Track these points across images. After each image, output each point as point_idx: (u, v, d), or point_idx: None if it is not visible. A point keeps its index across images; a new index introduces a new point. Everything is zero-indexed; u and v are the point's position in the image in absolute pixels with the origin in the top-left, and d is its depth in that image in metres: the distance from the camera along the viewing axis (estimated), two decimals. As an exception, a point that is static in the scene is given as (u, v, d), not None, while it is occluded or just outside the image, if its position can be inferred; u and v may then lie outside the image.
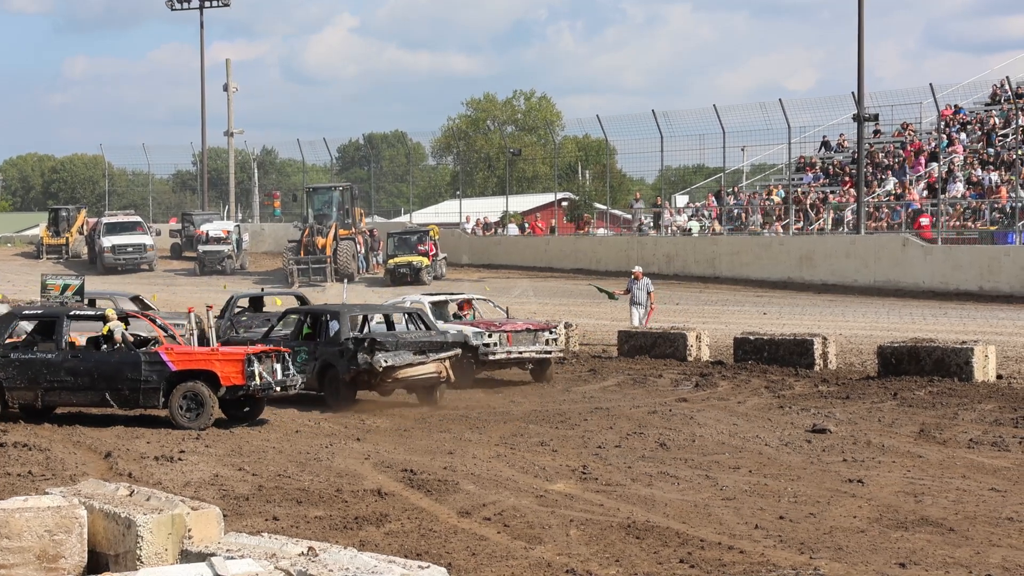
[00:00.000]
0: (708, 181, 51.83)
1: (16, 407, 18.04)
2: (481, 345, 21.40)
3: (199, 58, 67.89)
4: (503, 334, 21.78)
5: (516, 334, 21.92)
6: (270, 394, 17.78)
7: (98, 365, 17.72)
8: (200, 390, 17.22)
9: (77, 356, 17.89)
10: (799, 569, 9.66)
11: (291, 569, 7.23)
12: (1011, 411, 17.54)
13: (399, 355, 19.19)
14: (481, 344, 21.41)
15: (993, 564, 9.84)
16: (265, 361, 17.60)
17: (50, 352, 17.92)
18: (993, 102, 46.08)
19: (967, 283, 36.24)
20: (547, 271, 48.25)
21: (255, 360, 17.38)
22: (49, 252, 56.89)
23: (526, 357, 22.04)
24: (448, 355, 19.69)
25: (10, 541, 8.18)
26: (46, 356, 17.89)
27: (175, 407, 17.22)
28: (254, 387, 17.32)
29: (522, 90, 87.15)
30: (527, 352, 21.96)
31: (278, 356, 18.07)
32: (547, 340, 22.22)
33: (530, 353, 22.03)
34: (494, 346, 21.56)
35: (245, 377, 17.20)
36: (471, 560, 10.03)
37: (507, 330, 21.92)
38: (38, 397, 17.96)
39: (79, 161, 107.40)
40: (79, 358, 17.85)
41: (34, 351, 18.03)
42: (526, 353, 21.95)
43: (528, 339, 22.02)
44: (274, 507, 12.00)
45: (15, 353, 18.04)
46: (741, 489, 12.78)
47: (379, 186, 72.22)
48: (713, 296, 38.44)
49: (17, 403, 18.02)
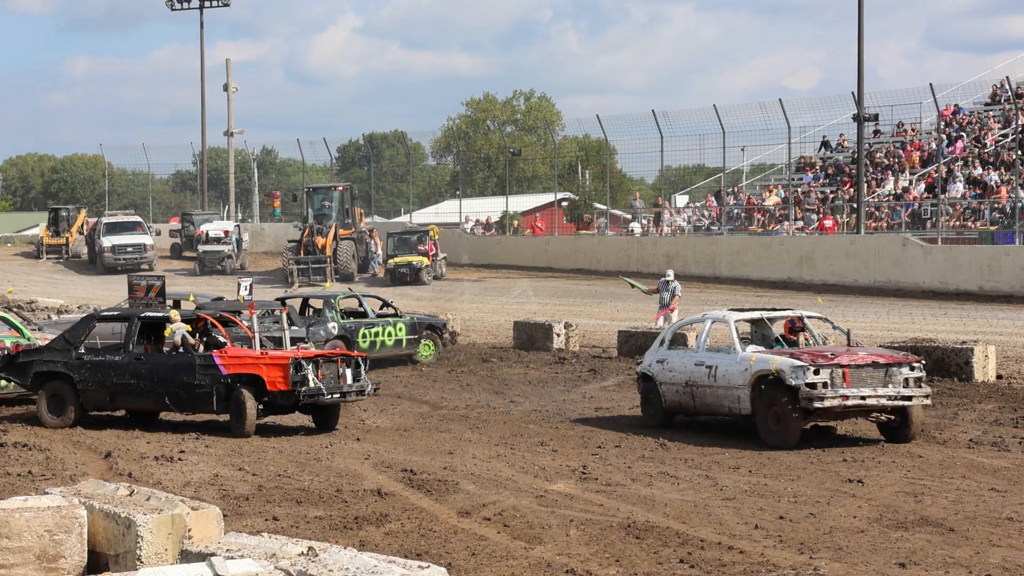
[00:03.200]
0: (708, 181, 51.82)
1: (92, 410, 17.77)
2: (803, 386, 15.16)
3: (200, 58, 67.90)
4: (837, 369, 15.29)
5: (857, 370, 15.35)
6: (320, 400, 16.75)
7: (158, 368, 17.28)
8: (240, 395, 16.64)
9: (140, 359, 17.47)
10: (799, 569, 9.66)
11: (291, 569, 7.23)
12: (1011, 411, 17.55)
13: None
14: (803, 384, 15.17)
15: (993, 564, 9.84)
16: (326, 366, 16.89)
17: (118, 354, 17.63)
18: (993, 102, 46.08)
19: (967, 283, 36.24)
20: (547, 271, 48.25)
21: (305, 365, 16.62)
22: (49, 252, 56.86)
23: (873, 405, 15.36)
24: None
25: (10, 541, 8.17)
26: (114, 359, 17.57)
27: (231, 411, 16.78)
28: (303, 393, 16.52)
29: (522, 90, 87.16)
30: (875, 397, 15.28)
31: (347, 360, 17.36)
32: (906, 379, 15.45)
33: (880, 399, 15.30)
34: (823, 388, 15.13)
35: (291, 383, 16.46)
36: (471, 560, 10.03)
37: (843, 364, 15.36)
38: (108, 400, 17.66)
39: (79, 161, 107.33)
40: (141, 361, 17.44)
41: (104, 353, 17.78)
42: (872, 399, 15.27)
43: (876, 378, 15.39)
44: (274, 507, 12.00)
45: (89, 356, 17.76)
46: (741, 489, 12.78)
47: (379, 186, 72.22)
48: (713, 296, 38.42)
49: (93, 406, 17.72)
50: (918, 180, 42.47)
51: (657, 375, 17.30)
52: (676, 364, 17.05)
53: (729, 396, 16.07)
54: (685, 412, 17.15)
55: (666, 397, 17.16)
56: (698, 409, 16.86)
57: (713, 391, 16.32)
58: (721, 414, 16.58)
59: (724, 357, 16.26)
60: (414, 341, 25.18)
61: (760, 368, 15.61)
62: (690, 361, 16.82)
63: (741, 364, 15.92)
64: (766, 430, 15.48)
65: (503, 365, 24.63)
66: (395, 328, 24.91)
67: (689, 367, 16.76)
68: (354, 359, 17.46)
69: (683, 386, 16.81)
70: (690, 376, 16.69)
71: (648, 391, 17.55)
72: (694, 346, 17.44)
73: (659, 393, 17.25)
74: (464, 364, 24.86)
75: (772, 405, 15.40)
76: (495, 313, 35.27)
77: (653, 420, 17.29)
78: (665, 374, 17.16)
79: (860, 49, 40.51)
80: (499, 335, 29.70)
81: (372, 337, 24.44)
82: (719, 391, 16.20)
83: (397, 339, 24.88)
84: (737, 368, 15.95)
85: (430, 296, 41.03)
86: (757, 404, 15.61)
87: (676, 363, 17.06)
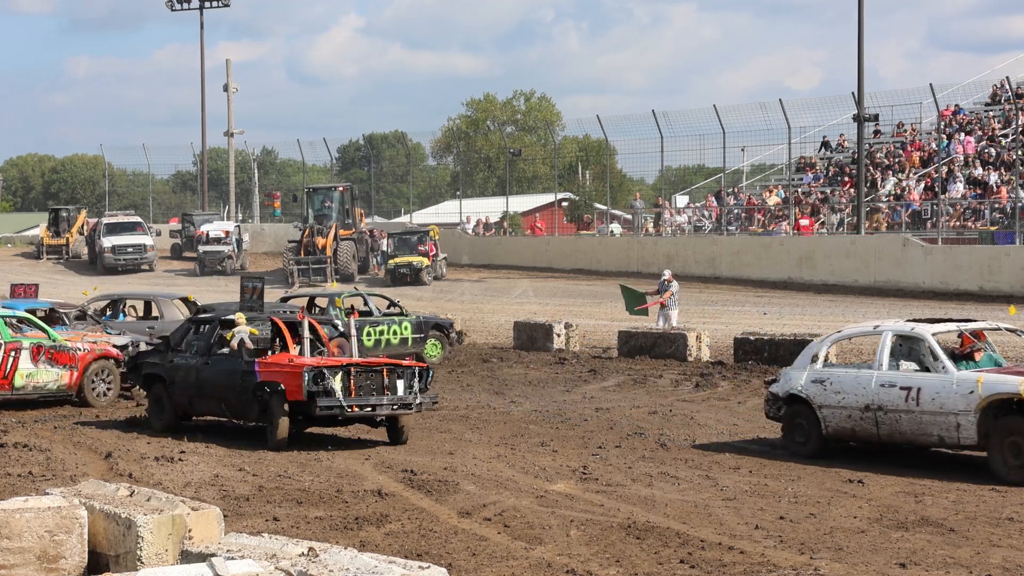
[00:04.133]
0: (708, 181, 51.83)
1: (183, 415, 17.20)
2: None
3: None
4: None
5: None
6: (343, 414, 15.38)
7: (216, 373, 16.47)
8: (268, 403, 15.59)
9: (207, 363, 16.69)
10: (799, 569, 9.66)
11: (291, 569, 7.23)
12: (1011, 411, 17.51)
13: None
14: None
15: (993, 564, 9.84)
16: (362, 375, 15.43)
17: (194, 358, 16.97)
18: (993, 102, 46.08)
19: (967, 283, 36.24)
20: (547, 271, 48.25)
21: (328, 374, 15.22)
22: (49, 252, 56.87)
23: None
24: None
25: (10, 541, 8.17)
26: (190, 362, 16.91)
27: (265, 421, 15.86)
28: (319, 405, 15.13)
29: (522, 90, 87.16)
30: None
31: (398, 370, 15.75)
32: None
33: None
34: None
35: (305, 393, 15.17)
36: (471, 560, 10.03)
37: None
38: (190, 405, 17.01)
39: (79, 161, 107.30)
40: (208, 365, 16.67)
41: (186, 356, 17.12)
42: None
43: None
44: (274, 507, 12.00)
45: (177, 358, 17.16)
46: (741, 489, 12.78)
47: (379, 186, 72.20)
48: (713, 296, 38.44)
49: (182, 411, 17.13)
50: (918, 180, 42.48)
51: (815, 397, 14.93)
52: (848, 385, 14.68)
53: (941, 423, 13.84)
54: (859, 440, 14.90)
55: (828, 423, 14.85)
56: (884, 437, 14.45)
57: (914, 417, 14.05)
58: (923, 444, 14.29)
59: (930, 377, 14.06)
60: (420, 340, 25.19)
61: (995, 391, 13.40)
62: (871, 381, 14.46)
63: (962, 386, 13.69)
64: (1003, 464, 13.35)
65: (503, 365, 24.63)
66: (400, 327, 24.96)
67: (871, 388, 14.41)
68: (411, 369, 15.87)
69: (860, 411, 14.51)
70: (874, 399, 14.38)
71: (797, 415, 15.20)
72: (874, 363, 14.74)
73: (818, 419, 14.92)
74: (464, 364, 24.86)
75: (1011, 435, 13.29)
76: (495, 313, 35.27)
77: (804, 448, 15.00)
78: (829, 396, 14.83)
79: (860, 49, 40.57)
80: (499, 335, 29.70)
81: (377, 335, 24.48)
82: (924, 417, 13.97)
83: (403, 338, 24.91)
84: (955, 391, 13.72)
85: (430, 296, 41.04)
86: (989, 433, 13.44)
87: (847, 383, 14.69)
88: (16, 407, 19.05)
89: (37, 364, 19.16)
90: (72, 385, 19.49)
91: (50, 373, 19.29)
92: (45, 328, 19.81)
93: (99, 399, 19.61)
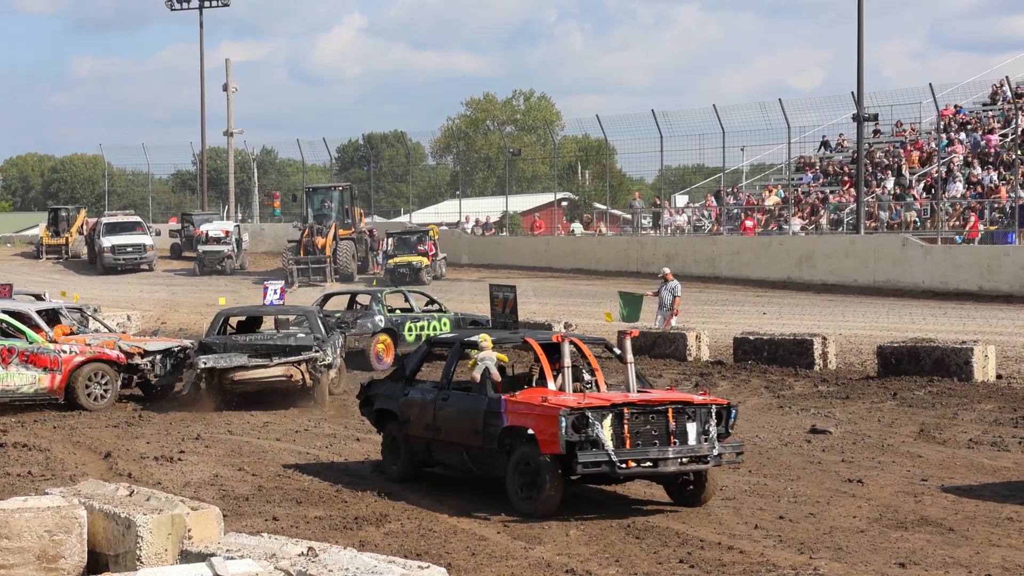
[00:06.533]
0: (708, 181, 51.83)
1: (420, 464, 13.62)
2: None
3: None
4: None
5: None
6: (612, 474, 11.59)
7: (453, 413, 12.94)
8: (524, 458, 11.87)
9: (445, 399, 13.14)
10: (799, 569, 9.66)
11: (291, 569, 7.23)
12: (1011, 411, 17.53)
13: (226, 358, 19.11)
14: None
15: (993, 564, 9.84)
16: (638, 419, 11.63)
17: (431, 391, 13.50)
18: (992, 102, 46.08)
19: (967, 283, 36.22)
20: (547, 271, 48.23)
21: (593, 418, 11.48)
22: (49, 252, 56.88)
23: None
24: (298, 359, 19.02)
25: (10, 541, 8.17)
26: (426, 397, 13.42)
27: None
28: (581, 461, 11.38)
29: (521, 90, 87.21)
30: None
31: (686, 410, 11.82)
32: None
33: None
34: None
35: (562, 445, 11.43)
36: (471, 560, 10.03)
37: None
38: (427, 451, 13.37)
39: (79, 161, 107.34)
40: (447, 400, 13.13)
41: (423, 390, 13.66)
42: None
43: None
44: (274, 507, 12.00)
45: (412, 391, 13.71)
46: (741, 489, 12.78)
47: (379, 186, 72.17)
48: (713, 296, 38.43)
49: (419, 458, 13.52)
50: (918, 180, 42.48)
51: None
52: None
53: None
54: None
55: None
56: None
57: None
58: None
59: None
60: None
61: None
62: None
63: None
64: None
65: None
66: (440, 323, 25.39)
67: None
68: (705, 408, 11.91)
69: None
70: None
71: None
72: None
73: None
74: (464, 364, 24.86)
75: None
76: (495, 313, 35.19)
77: None
78: None
79: (860, 49, 40.53)
80: (499, 335, 29.64)
81: (418, 331, 24.94)
82: None
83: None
84: None
85: (430, 296, 40.96)
86: None
87: None
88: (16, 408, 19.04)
89: (8, 367, 18.62)
90: (55, 389, 18.90)
91: (24, 376, 18.71)
92: (22, 329, 19.16)
93: (95, 403, 19.00)
